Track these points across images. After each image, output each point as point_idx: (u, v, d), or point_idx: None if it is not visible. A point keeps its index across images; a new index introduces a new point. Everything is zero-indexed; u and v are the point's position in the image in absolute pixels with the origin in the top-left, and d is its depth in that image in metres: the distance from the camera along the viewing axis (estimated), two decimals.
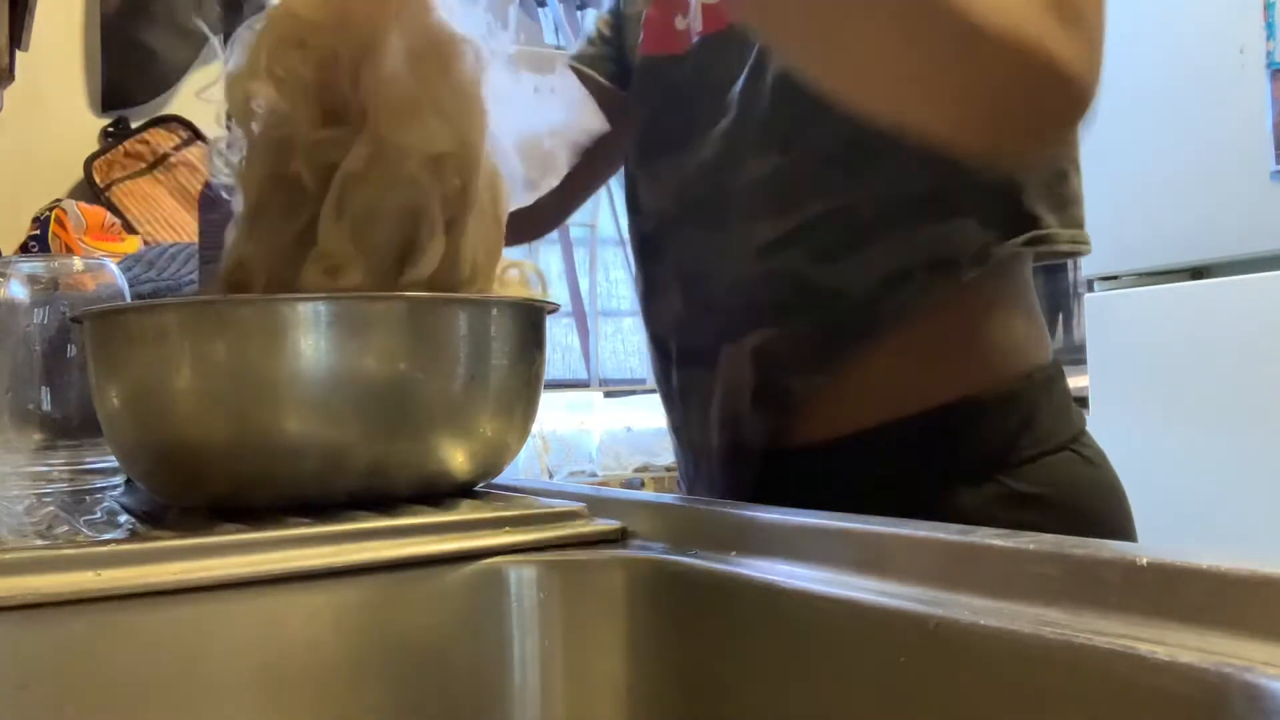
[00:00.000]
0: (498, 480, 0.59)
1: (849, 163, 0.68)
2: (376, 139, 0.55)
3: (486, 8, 0.61)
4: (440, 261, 0.55)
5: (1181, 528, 1.65)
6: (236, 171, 0.59)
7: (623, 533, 0.49)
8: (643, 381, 2.90)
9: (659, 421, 0.93)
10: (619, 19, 0.89)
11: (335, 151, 0.55)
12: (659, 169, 0.78)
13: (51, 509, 0.57)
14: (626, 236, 0.91)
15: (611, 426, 2.81)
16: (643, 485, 2.66)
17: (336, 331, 0.49)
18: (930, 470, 0.68)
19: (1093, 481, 0.70)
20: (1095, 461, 0.71)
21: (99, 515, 0.55)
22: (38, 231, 1.70)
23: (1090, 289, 1.94)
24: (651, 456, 2.71)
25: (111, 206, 1.88)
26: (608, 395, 2.95)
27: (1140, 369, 1.79)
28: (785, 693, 0.39)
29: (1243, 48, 1.67)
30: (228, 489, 0.51)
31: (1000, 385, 0.69)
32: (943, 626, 0.33)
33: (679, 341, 0.77)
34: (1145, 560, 0.32)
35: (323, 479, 0.50)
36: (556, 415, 2.73)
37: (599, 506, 0.52)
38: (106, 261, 0.76)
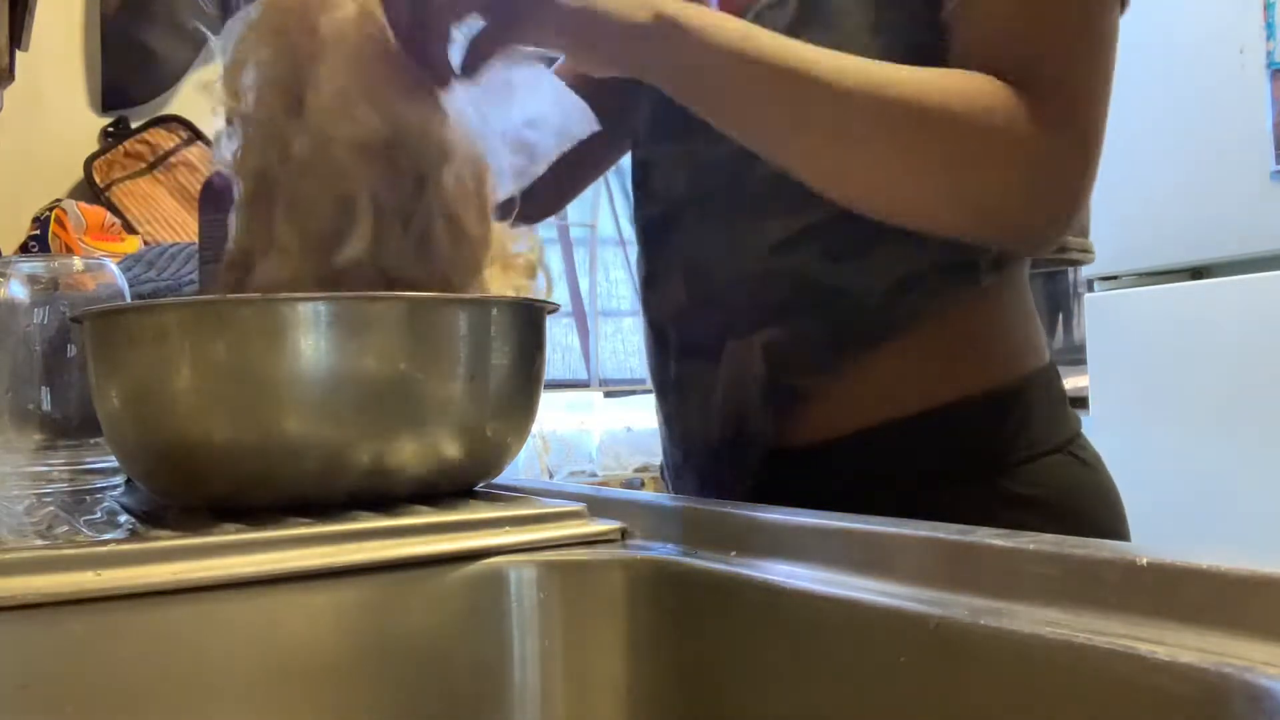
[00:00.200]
0: (498, 480, 0.59)
1: None
2: (309, 128, 0.57)
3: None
4: (399, 247, 0.57)
5: (1181, 527, 1.65)
6: (234, 162, 0.60)
7: (623, 533, 0.49)
8: (643, 381, 2.90)
9: None
10: None
11: (296, 141, 0.57)
12: (672, 153, 0.77)
13: (51, 509, 0.57)
14: (627, 235, 0.91)
15: (611, 426, 2.81)
16: (643, 485, 2.66)
17: (336, 331, 0.49)
18: (928, 470, 0.68)
19: (1087, 484, 0.70)
20: (1090, 464, 0.71)
21: (99, 515, 0.55)
22: (38, 231, 1.70)
23: (1090, 289, 1.95)
24: (651, 456, 2.71)
25: (111, 206, 1.88)
26: (608, 395, 2.96)
27: (1140, 369, 1.79)
28: (786, 693, 0.39)
29: (1243, 48, 1.67)
30: (228, 489, 0.51)
31: (999, 386, 0.69)
32: (943, 626, 0.33)
33: (680, 332, 0.77)
34: (1145, 560, 0.32)
35: (323, 479, 0.50)
36: (556, 415, 2.73)
37: (599, 506, 0.52)
38: (106, 261, 0.76)
